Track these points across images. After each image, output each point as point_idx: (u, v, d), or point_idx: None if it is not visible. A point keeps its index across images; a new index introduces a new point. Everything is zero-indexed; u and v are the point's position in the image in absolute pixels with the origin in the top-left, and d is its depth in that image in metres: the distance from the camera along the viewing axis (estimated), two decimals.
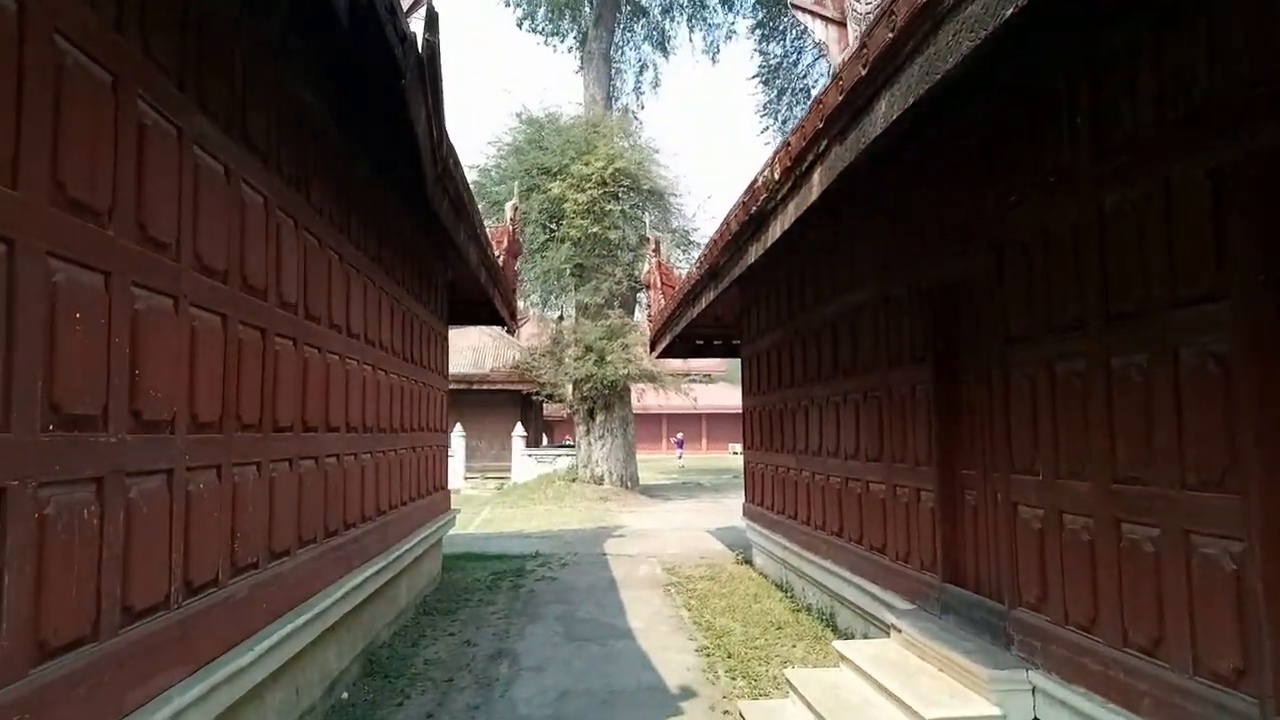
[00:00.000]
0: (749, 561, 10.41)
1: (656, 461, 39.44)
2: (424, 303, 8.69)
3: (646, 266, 12.47)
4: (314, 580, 4.67)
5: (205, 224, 3.36)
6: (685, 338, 11.69)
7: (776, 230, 4.87)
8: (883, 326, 5.87)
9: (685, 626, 7.31)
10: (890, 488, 5.75)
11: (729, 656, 6.24)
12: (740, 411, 10.39)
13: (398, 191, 6.78)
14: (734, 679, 5.72)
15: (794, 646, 6.47)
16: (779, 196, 4.69)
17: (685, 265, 16.69)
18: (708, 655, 6.31)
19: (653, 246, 12.27)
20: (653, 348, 12.25)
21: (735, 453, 52.23)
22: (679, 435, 42.67)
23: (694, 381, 23.14)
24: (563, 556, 11.26)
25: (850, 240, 6.42)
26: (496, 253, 10.58)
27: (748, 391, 10.19)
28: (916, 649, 4.76)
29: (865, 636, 6.10)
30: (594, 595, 8.72)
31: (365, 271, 6.18)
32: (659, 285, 11.30)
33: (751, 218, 5.35)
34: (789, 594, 8.36)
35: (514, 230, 11.44)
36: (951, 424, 5.04)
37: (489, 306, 11.29)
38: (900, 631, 5.00)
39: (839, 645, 5.20)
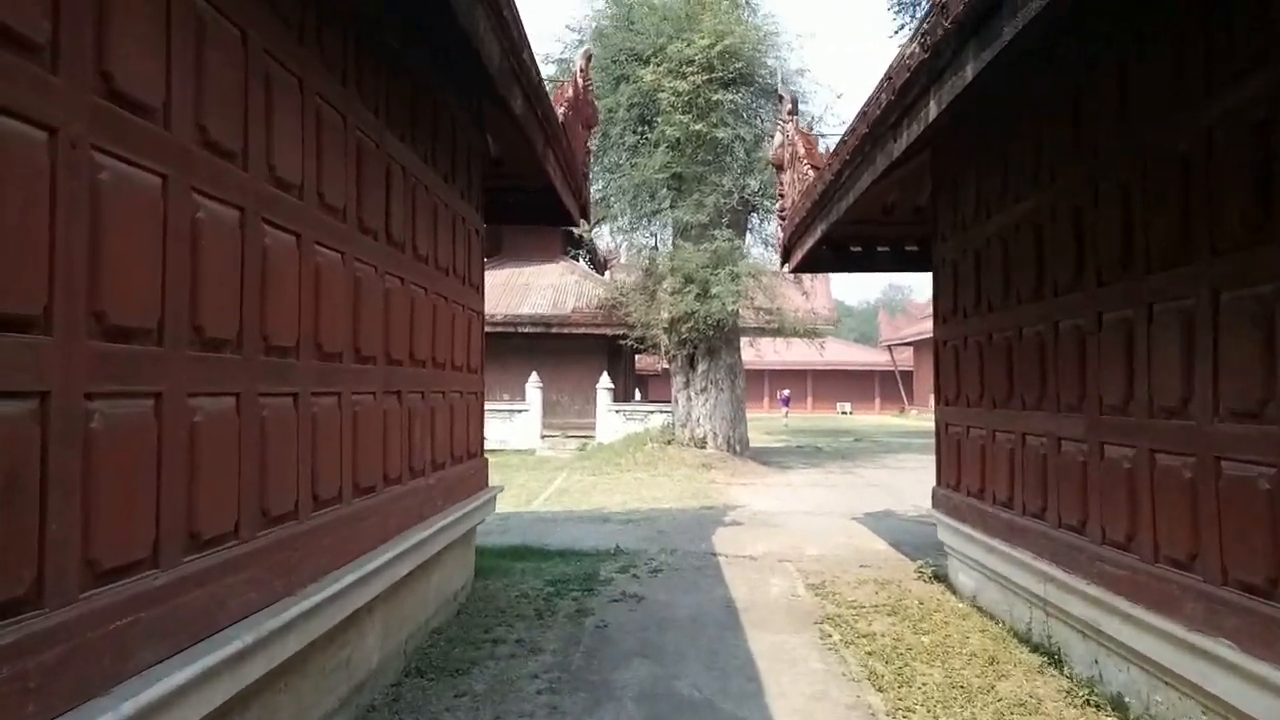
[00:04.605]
0: (942, 579, 6.74)
1: (758, 421, 35.65)
2: (438, 169, 5.38)
3: (778, 139, 8.76)
4: None
5: None
6: (835, 242, 7.94)
7: None
8: None
9: None
10: None
11: None
12: (852, 369, 6.63)
13: None
14: None
15: None
16: None
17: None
18: None
19: (788, 108, 8.47)
20: (785, 258, 8.51)
21: (844, 412, 47.95)
22: (785, 392, 38.75)
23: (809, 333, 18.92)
24: (653, 555, 7.86)
25: None
26: (560, 109, 7.07)
27: (947, 315, 6.42)
28: None
29: None
30: (703, 640, 5.27)
31: (299, 72, 2.91)
32: (800, 158, 7.56)
33: None
34: (1056, 662, 4.69)
35: (584, 85, 7.88)
36: None
37: (550, 199, 7.79)
38: None
39: None
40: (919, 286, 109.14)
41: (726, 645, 5.17)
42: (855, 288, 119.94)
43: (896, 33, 25.73)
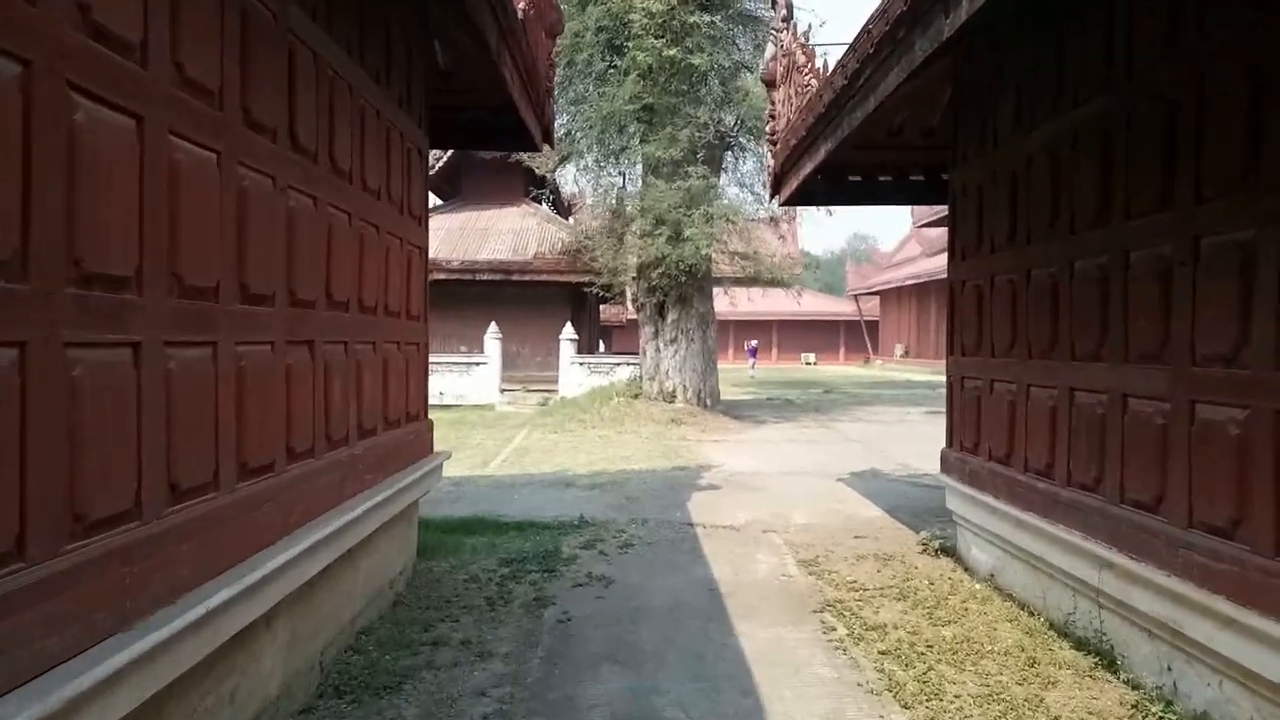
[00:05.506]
0: (951, 553, 5.97)
1: (725, 373, 34.92)
2: (368, 67, 4.40)
3: (770, 52, 7.72)
4: None
5: None
6: (832, 171, 6.99)
7: None
8: None
9: None
10: None
11: None
12: (817, 319, 5.70)
13: None
14: None
15: None
16: None
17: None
18: None
19: (781, 14, 7.40)
20: (775, 189, 7.54)
21: (809, 363, 47.58)
22: (753, 342, 38.03)
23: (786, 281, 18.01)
24: (622, 526, 6.98)
25: None
26: (520, 5, 5.94)
27: (968, 251, 5.54)
28: None
29: None
30: (684, 637, 4.41)
31: None
32: (800, 68, 6.54)
33: None
34: (1109, 664, 3.92)
35: None
36: None
37: (509, 119, 6.65)
38: None
39: None
40: (884, 235, 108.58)
41: (714, 644, 4.32)
42: (820, 237, 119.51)
43: None
